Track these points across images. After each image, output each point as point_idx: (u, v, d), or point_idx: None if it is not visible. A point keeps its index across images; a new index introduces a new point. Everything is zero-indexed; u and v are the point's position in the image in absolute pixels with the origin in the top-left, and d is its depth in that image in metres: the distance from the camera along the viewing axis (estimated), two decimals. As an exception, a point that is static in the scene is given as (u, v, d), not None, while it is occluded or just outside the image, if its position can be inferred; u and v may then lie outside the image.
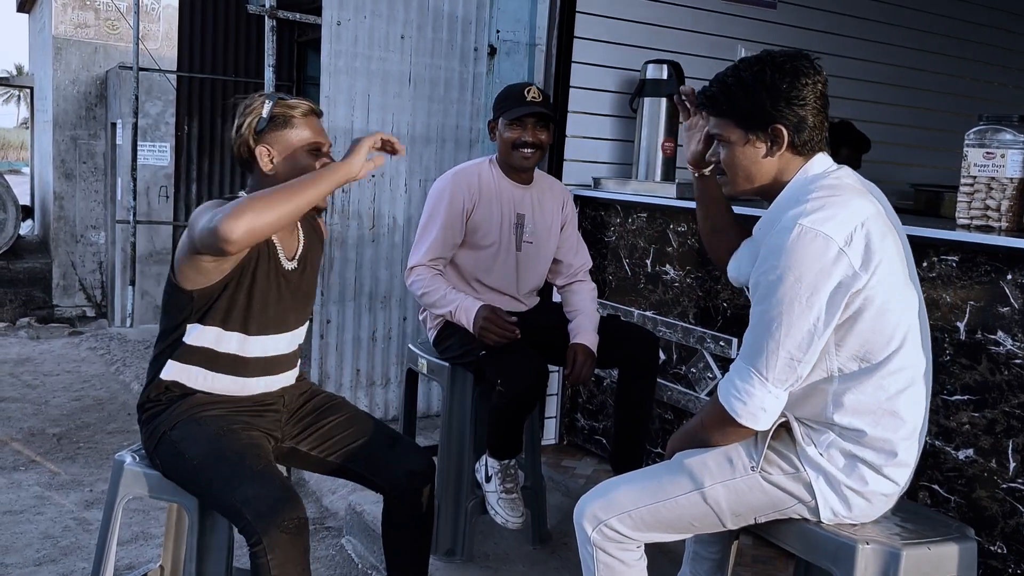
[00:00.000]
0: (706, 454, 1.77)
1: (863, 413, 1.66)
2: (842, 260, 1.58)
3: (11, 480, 3.69)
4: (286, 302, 2.12)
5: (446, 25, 4.44)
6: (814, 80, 1.68)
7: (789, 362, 1.62)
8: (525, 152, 2.77)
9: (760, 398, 1.65)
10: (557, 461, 3.54)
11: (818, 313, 1.59)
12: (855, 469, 1.68)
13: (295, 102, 2.05)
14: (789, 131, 1.69)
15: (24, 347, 6.31)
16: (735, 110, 1.72)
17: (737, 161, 1.75)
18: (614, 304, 3.39)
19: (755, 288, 1.68)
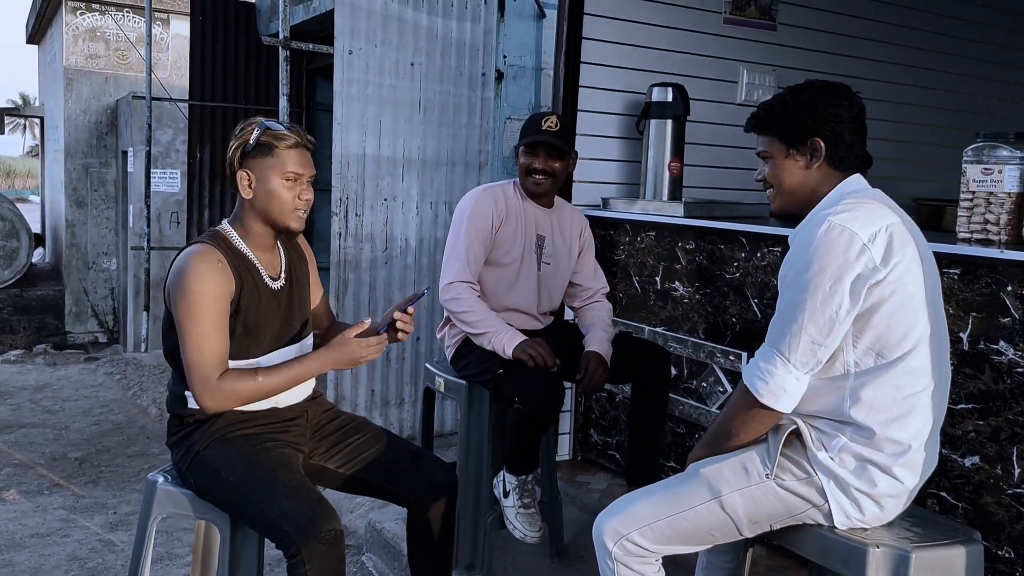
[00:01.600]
0: (722, 463, 1.84)
1: (878, 410, 1.75)
2: (865, 254, 1.70)
3: (37, 504, 3.77)
4: (281, 318, 2.20)
5: (454, 52, 4.56)
6: (850, 103, 1.85)
7: (811, 345, 1.73)
8: (536, 178, 2.86)
9: (782, 378, 1.75)
10: (572, 476, 3.60)
11: (840, 300, 1.70)
12: (864, 471, 1.75)
13: (284, 133, 2.12)
14: (827, 144, 1.83)
15: (42, 373, 6.40)
16: (778, 127, 1.89)
17: (780, 174, 1.90)
18: (625, 321, 3.47)
19: (783, 279, 1.80)
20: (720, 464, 1.84)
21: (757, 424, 1.81)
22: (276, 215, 2.14)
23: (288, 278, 2.25)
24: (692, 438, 3.25)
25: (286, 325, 2.22)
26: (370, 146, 4.35)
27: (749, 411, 1.80)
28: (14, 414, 5.19)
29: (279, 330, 2.21)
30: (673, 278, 3.29)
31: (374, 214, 4.40)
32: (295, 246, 2.34)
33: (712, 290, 3.13)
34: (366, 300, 4.39)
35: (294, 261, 2.30)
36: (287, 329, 2.23)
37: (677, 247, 3.26)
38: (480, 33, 4.62)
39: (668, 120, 3.57)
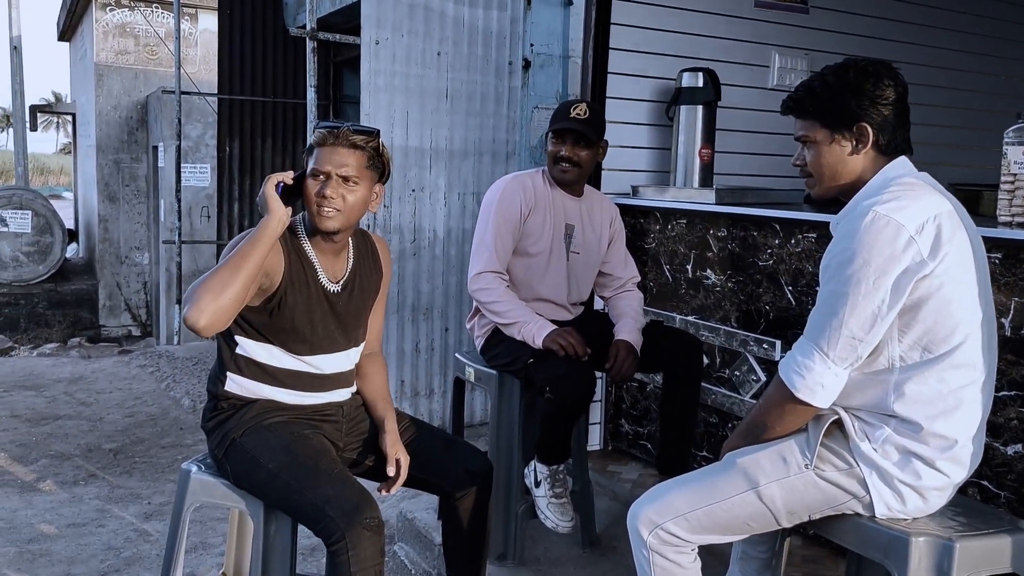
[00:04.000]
0: (759, 453, 1.80)
1: (923, 404, 1.70)
2: (912, 247, 1.64)
3: (72, 494, 3.81)
4: (332, 324, 2.18)
5: (481, 41, 4.53)
6: (896, 83, 1.77)
7: (851, 341, 1.68)
8: (564, 166, 2.84)
9: (819, 373, 1.70)
10: (603, 466, 3.58)
11: (883, 296, 1.65)
12: (908, 463, 1.71)
13: (323, 133, 2.10)
14: (874, 129, 1.76)
15: (76, 366, 6.48)
16: (821, 111, 1.80)
17: (824, 160, 1.82)
18: (656, 310, 3.43)
19: (824, 270, 1.74)
20: (758, 454, 1.81)
21: (793, 418, 1.78)
22: (309, 213, 2.12)
23: (350, 285, 2.22)
24: (725, 428, 3.22)
25: (339, 331, 2.20)
26: (397, 137, 4.34)
27: (784, 405, 1.76)
28: (50, 406, 5.26)
29: (329, 335, 2.19)
30: (705, 266, 3.25)
31: (402, 205, 4.39)
32: (374, 257, 2.32)
33: (745, 278, 3.08)
34: (395, 292, 4.38)
35: (364, 271, 2.27)
36: (339, 335, 2.20)
37: (709, 235, 3.22)
38: (507, 21, 4.59)
39: (699, 106, 3.52)
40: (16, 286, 9.45)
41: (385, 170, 2.19)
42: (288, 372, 2.16)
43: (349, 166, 2.08)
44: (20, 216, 9.60)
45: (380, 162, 2.15)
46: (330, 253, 2.19)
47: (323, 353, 2.18)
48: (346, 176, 2.08)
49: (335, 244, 2.18)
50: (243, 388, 2.15)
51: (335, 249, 2.19)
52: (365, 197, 2.13)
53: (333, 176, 2.08)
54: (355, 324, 2.25)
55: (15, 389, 5.63)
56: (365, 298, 2.27)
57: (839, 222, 1.79)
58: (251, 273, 1.94)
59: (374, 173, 2.14)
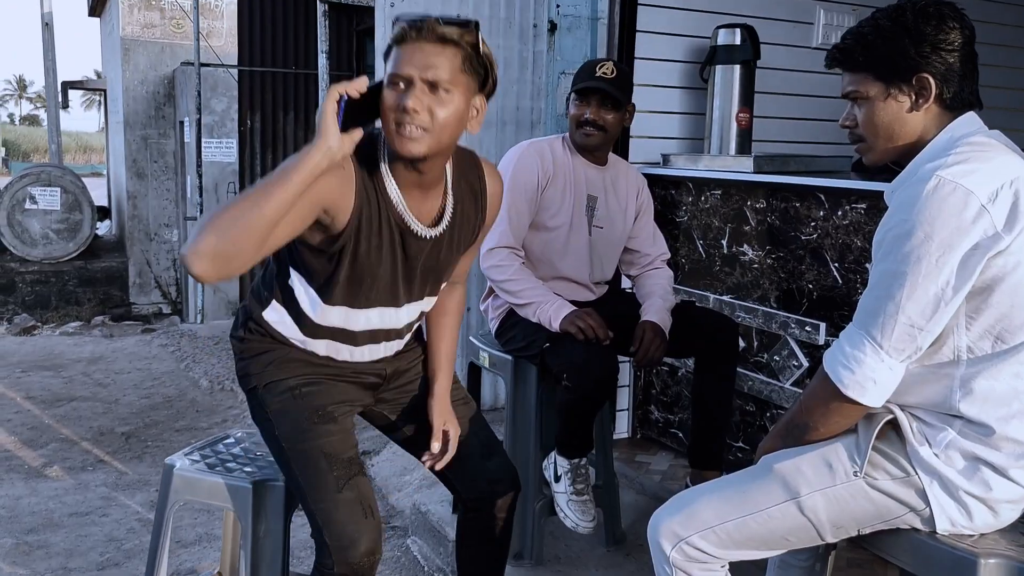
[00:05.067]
0: (800, 458, 1.55)
1: (995, 404, 1.44)
2: (983, 218, 1.37)
3: (79, 481, 3.68)
4: (401, 279, 1.76)
5: (503, 2, 4.27)
6: (962, 25, 1.49)
7: (909, 329, 1.42)
8: (587, 130, 2.59)
9: (871, 367, 1.44)
10: (631, 456, 3.35)
11: (948, 276, 1.39)
12: (976, 472, 1.45)
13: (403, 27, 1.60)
14: (936, 81, 1.49)
15: (98, 345, 6.39)
16: (874, 61, 1.53)
17: (878, 119, 1.55)
18: (688, 289, 3.18)
19: (878, 245, 1.48)
20: (798, 459, 1.55)
21: (839, 418, 1.51)
22: (387, 134, 1.62)
23: (445, 233, 1.77)
24: (763, 417, 2.96)
25: (405, 283, 1.78)
26: (415, 105, 4.12)
27: (830, 403, 1.50)
28: (66, 387, 5.16)
29: (394, 290, 1.77)
30: (742, 240, 2.98)
31: (421, 177, 4.18)
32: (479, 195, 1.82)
33: (786, 253, 2.81)
34: (414, 268, 4.18)
35: (464, 214, 1.79)
36: (404, 288, 1.79)
37: (746, 206, 2.95)
38: (531, -19, 4.33)
39: (736, 66, 3.23)
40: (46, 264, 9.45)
41: (488, 76, 1.67)
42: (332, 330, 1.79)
43: (438, 67, 1.57)
44: (49, 193, 9.57)
45: (481, 64, 1.63)
46: (416, 188, 1.69)
47: (388, 304, 1.79)
48: (434, 81, 1.57)
49: (422, 175, 1.67)
50: (281, 324, 1.80)
51: (424, 182, 1.69)
52: (460, 112, 1.61)
53: (417, 82, 1.57)
54: (434, 278, 1.83)
55: (33, 369, 5.54)
56: (456, 248, 1.81)
57: (895, 190, 1.52)
58: (273, 214, 1.46)
59: (472, 80, 1.63)
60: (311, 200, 1.55)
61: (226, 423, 4.52)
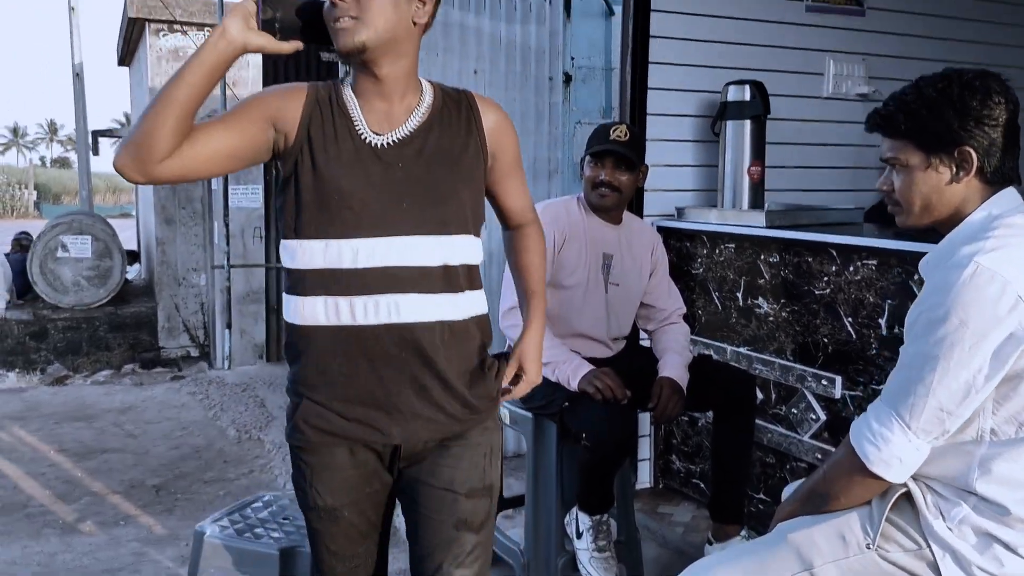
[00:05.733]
0: (814, 528, 1.58)
1: (1012, 486, 1.47)
2: (1019, 308, 1.39)
3: (111, 536, 3.75)
4: (386, 191, 1.58)
5: (519, 57, 4.37)
6: (1007, 99, 1.52)
7: (938, 413, 1.44)
8: (602, 191, 2.66)
9: (898, 446, 1.47)
10: (653, 507, 3.37)
11: (980, 364, 1.41)
12: (989, 548, 1.47)
13: None
14: (979, 155, 1.51)
15: (128, 394, 6.50)
16: (917, 130, 1.54)
17: (917, 188, 1.57)
18: (706, 340, 3.22)
19: (912, 326, 1.50)
20: (812, 529, 1.58)
21: (862, 491, 1.54)
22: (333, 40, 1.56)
23: (413, 140, 1.60)
24: (782, 469, 2.98)
25: (394, 203, 1.58)
26: (435, 159, 4.21)
27: (854, 476, 1.53)
28: (97, 438, 5.25)
29: (383, 206, 1.57)
30: (756, 294, 3.02)
31: (441, 230, 4.26)
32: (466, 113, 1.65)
33: (800, 307, 2.85)
34: (435, 319, 4.24)
35: (443, 126, 1.62)
36: (393, 211, 1.57)
37: (760, 260, 2.99)
38: (546, 35, 4.43)
39: (746, 121, 3.30)
40: (78, 310, 9.61)
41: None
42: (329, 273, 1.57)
43: None
44: (80, 241, 9.75)
45: None
46: (377, 97, 1.60)
47: (376, 234, 1.56)
48: None
49: (379, 81, 1.58)
50: (296, 313, 1.62)
51: (384, 90, 1.59)
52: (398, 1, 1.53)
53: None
54: (427, 196, 1.59)
55: (65, 421, 5.65)
56: (443, 161, 1.61)
57: (934, 268, 1.54)
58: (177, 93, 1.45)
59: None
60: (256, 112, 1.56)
61: (253, 473, 4.58)
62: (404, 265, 1.58)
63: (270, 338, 7.85)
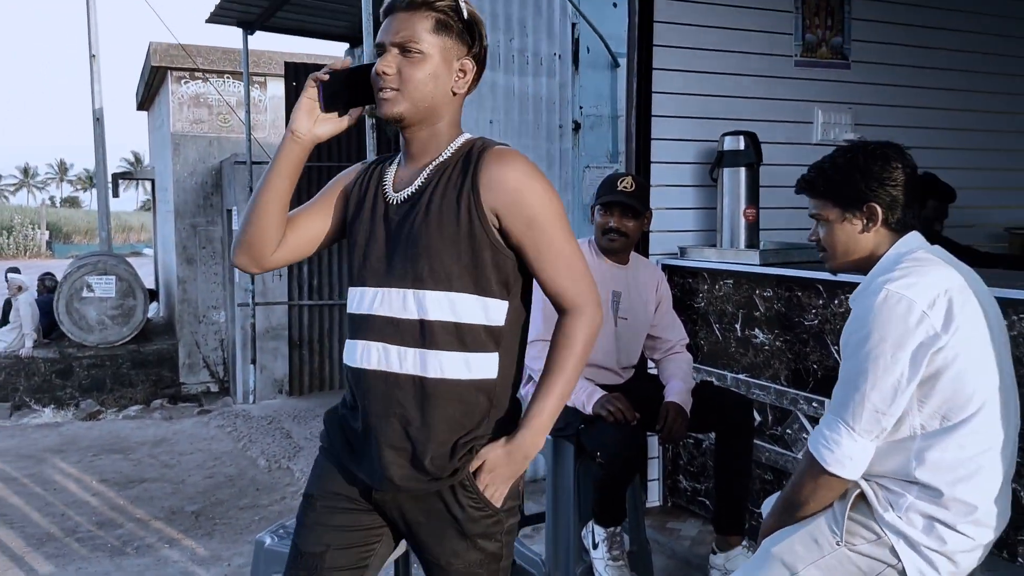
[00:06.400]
0: (792, 538, 1.86)
1: (944, 471, 1.75)
2: (925, 322, 1.71)
3: (158, 558, 4.02)
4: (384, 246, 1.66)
5: (531, 107, 4.71)
6: (904, 164, 1.87)
7: (874, 414, 1.74)
8: (611, 236, 2.96)
9: (847, 447, 1.77)
10: (662, 523, 3.64)
11: (902, 369, 1.71)
12: (933, 529, 1.76)
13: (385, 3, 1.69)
14: (883, 209, 1.85)
15: (159, 428, 6.79)
16: (832, 191, 1.90)
17: (836, 238, 1.92)
18: (708, 368, 3.51)
19: (844, 347, 1.82)
20: (791, 540, 1.87)
21: (826, 492, 1.83)
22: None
23: (416, 197, 1.65)
24: (780, 485, 3.26)
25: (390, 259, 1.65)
26: (454, 203, 4.52)
27: (818, 479, 1.82)
28: (135, 469, 5.54)
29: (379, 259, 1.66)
30: (753, 325, 3.32)
31: (461, 268, 4.55)
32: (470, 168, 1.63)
33: (792, 337, 3.14)
34: (456, 352, 4.53)
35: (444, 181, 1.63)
36: (390, 266, 1.65)
37: (755, 294, 3.30)
38: (555, 87, 4.76)
39: (741, 168, 3.61)
40: (102, 348, 9.91)
41: (475, 38, 1.67)
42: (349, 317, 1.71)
43: (406, 30, 1.61)
44: (105, 281, 10.08)
45: (465, 28, 1.65)
46: (409, 158, 1.70)
47: (370, 284, 1.66)
48: (402, 43, 1.61)
49: (411, 142, 1.68)
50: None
51: (413, 151, 1.69)
52: (436, 72, 1.62)
53: (388, 47, 1.63)
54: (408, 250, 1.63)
55: (103, 453, 5.95)
56: (431, 216, 1.62)
57: (856, 299, 1.87)
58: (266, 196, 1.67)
59: (452, 42, 1.64)
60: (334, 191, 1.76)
61: (285, 500, 4.86)
62: (381, 315, 1.64)
63: (293, 373, 8.10)
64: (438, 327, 1.61)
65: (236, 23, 7.01)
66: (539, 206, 1.62)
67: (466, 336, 1.62)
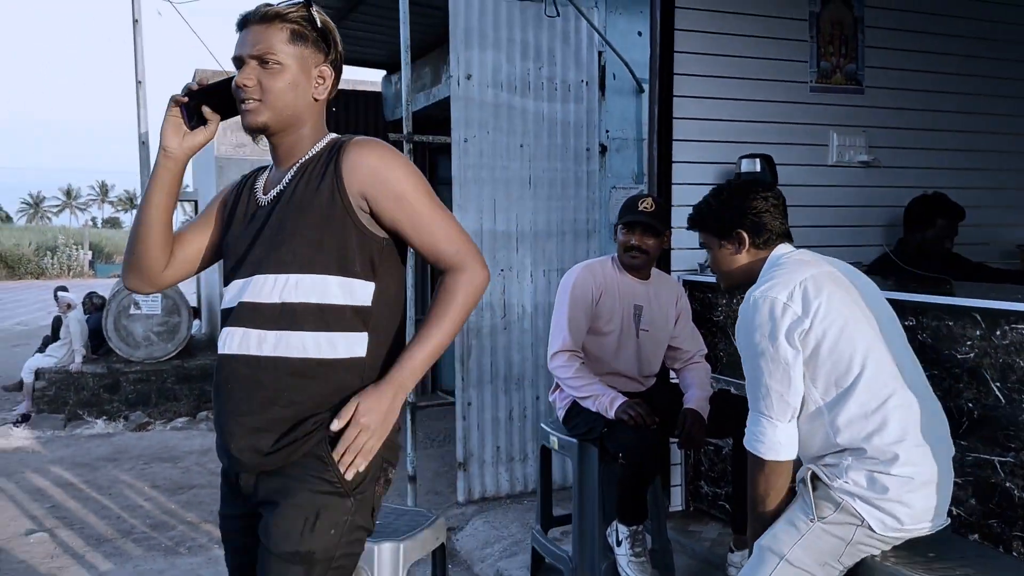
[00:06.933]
0: (774, 529, 2.08)
1: (856, 430, 1.99)
2: (788, 310, 2.04)
3: (209, 557, 4.28)
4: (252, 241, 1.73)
5: (560, 132, 4.95)
6: (765, 195, 2.27)
7: (781, 399, 2.04)
8: (633, 254, 3.19)
9: (771, 434, 2.06)
10: (684, 526, 3.83)
11: (784, 354, 2.03)
12: (873, 482, 1.98)
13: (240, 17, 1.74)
14: (748, 234, 2.23)
15: (205, 438, 7.09)
16: (709, 225, 2.31)
17: (719, 261, 2.32)
18: (726, 378, 3.70)
19: (742, 353, 2.14)
20: (773, 530, 2.08)
21: (776, 478, 2.08)
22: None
23: (283, 194, 1.72)
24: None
25: (254, 250, 1.72)
26: (486, 222, 4.77)
27: (763, 470, 2.09)
28: (184, 476, 5.82)
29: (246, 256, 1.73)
30: (768, 337, 3.51)
31: (492, 284, 4.77)
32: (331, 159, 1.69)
33: (804, 347, 3.33)
34: (488, 364, 4.77)
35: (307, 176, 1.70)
36: (254, 256, 1.72)
37: (770, 308, 3.49)
38: (583, 112, 5.00)
39: (757, 189, 3.81)
40: (148, 363, 10.25)
41: (330, 45, 1.75)
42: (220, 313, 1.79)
43: (262, 43, 1.68)
44: (151, 299, 10.43)
45: (316, 35, 1.73)
46: (279, 162, 1.78)
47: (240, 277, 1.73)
48: (261, 56, 1.68)
49: (277, 148, 1.76)
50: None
51: (280, 155, 1.76)
52: (295, 81, 1.69)
53: (246, 59, 1.69)
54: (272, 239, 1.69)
55: (154, 461, 6.24)
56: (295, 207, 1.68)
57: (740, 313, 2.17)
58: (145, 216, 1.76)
59: (309, 50, 1.72)
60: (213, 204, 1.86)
61: (326, 505, 5.11)
62: (245, 301, 1.69)
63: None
64: (300, 308, 1.65)
65: (279, 52, 7.34)
66: (403, 180, 1.68)
67: (330, 317, 1.66)
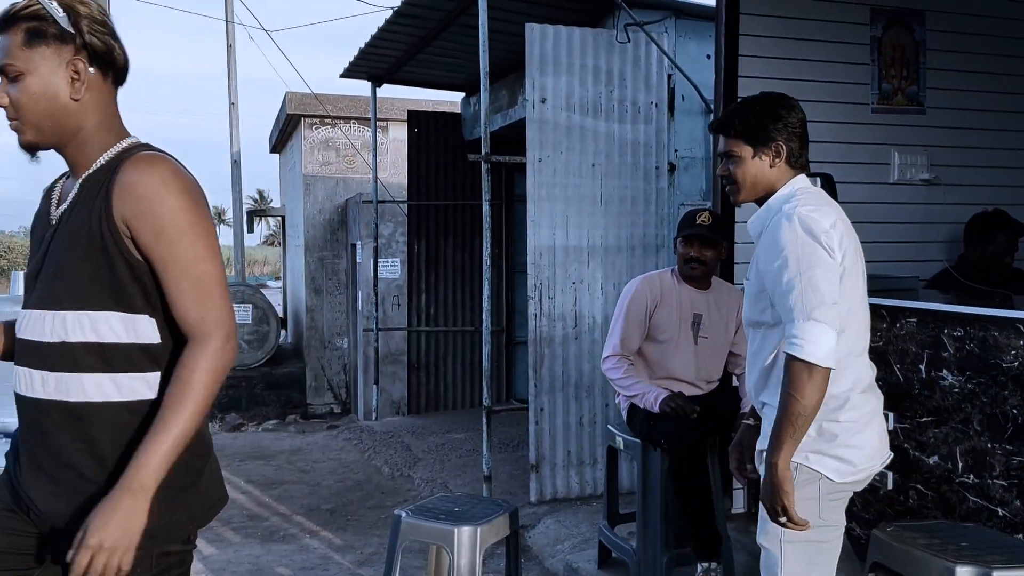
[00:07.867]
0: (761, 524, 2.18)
1: None
2: (831, 237, 2.06)
3: (300, 545, 4.65)
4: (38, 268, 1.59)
5: (630, 151, 5.20)
6: (799, 110, 2.25)
7: (832, 305, 1.98)
8: (692, 265, 3.42)
9: (828, 341, 1.95)
10: (745, 527, 4.01)
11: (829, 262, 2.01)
12: (822, 431, 2.08)
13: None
14: (787, 147, 2.21)
15: (294, 440, 7.53)
16: (747, 132, 2.22)
17: (747, 171, 2.23)
18: (786, 386, 3.88)
19: (771, 266, 2.08)
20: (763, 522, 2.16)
21: (812, 388, 1.95)
22: None
23: (62, 216, 1.57)
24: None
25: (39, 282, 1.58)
26: (559, 238, 5.05)
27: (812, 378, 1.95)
28: (276, 473, 6.24)
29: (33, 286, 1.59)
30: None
31: (564, 296, 5.07)
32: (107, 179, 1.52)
33: (859, 356, 3.50)
34: (560, 372, 5.04)
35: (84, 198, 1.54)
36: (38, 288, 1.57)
37: (827, 319, 3.66)
38: (652, 132, 5.25)
39: (817, 206, 3.99)
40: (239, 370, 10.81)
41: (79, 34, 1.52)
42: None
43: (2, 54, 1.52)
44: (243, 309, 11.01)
45: (56, 28, 1.51)
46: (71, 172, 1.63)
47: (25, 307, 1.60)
48: (2, 69, 1.52)
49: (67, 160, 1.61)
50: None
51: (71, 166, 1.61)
52: (47, 86, 1.51)
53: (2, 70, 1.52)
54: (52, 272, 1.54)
55: (248, 459, 6.69)
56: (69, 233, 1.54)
57: (764, 228, 2.19)
58: None
59: (51, 48, 1.51)
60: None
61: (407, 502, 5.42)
62: (27, 339, 1.56)
63: (411, 393, 8.72)
64: (80, 349, 1.51)
65: (367, 77, 7.77)
66: (168, 216, 1.48)
67: (112, 356, 1.51)
